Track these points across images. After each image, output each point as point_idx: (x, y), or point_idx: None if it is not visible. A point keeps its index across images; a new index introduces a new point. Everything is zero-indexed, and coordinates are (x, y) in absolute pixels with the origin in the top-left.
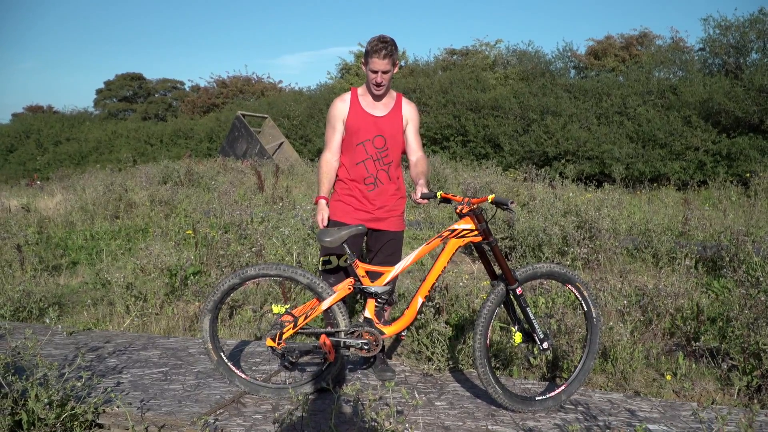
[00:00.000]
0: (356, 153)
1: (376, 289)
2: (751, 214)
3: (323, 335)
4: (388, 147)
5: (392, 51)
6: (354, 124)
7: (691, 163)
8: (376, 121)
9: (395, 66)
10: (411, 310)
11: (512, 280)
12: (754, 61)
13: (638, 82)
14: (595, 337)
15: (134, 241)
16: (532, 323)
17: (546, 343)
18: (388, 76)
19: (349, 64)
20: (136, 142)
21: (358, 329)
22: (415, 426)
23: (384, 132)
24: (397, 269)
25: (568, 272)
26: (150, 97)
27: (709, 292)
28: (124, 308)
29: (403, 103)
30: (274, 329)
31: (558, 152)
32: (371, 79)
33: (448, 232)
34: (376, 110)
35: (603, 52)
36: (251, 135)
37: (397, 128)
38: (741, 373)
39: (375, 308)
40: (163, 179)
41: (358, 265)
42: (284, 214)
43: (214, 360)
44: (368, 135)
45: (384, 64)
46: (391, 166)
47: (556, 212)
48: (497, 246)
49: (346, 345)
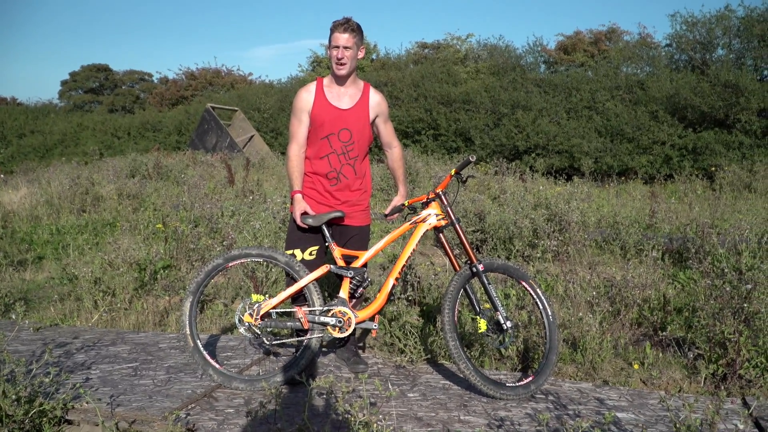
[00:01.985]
0: (320, 147)
1: (351, 270)
2: (716, 207)
3: (298, 307)
4: (354, 141)
5: (354, 28)
6: (318, 117)
7: (658, 157)
8: (342, 114)
9: (359, 49)
10: (383, 292)
11: (474, 259)
12: (720, 56)
13: (607, 78)
14: (552, 333)
15: (101, 235)
16: (494, 302)
17: (509, 322)
18: (350, 54)
19: (320, 57)
20: (103, 135)
21: (332, 307)
22: (388, 417)
23: (350, 125)
24: (370, 252)
25: (521, 269)
26: (117, 89)
27: (675, 283)
28: (92, 303)
29: (371, 93)
30: (252, 307)
31: (528, 146)
32: (333, 56)
33: (416, 216)
34: (342, 102)
35: (572, 48)
36: (221, 128)
37: (364, 121)
38: (707, 362)
39: (349, 287)
40: (131, 173)
41: (335, 248)
42: (255, 207)
43: (190, 347)
44: (333, 128)
45: (345, 39)
46: (356, 160)
47: (526, 205)
48: (461, 226)
49: (320, 322)
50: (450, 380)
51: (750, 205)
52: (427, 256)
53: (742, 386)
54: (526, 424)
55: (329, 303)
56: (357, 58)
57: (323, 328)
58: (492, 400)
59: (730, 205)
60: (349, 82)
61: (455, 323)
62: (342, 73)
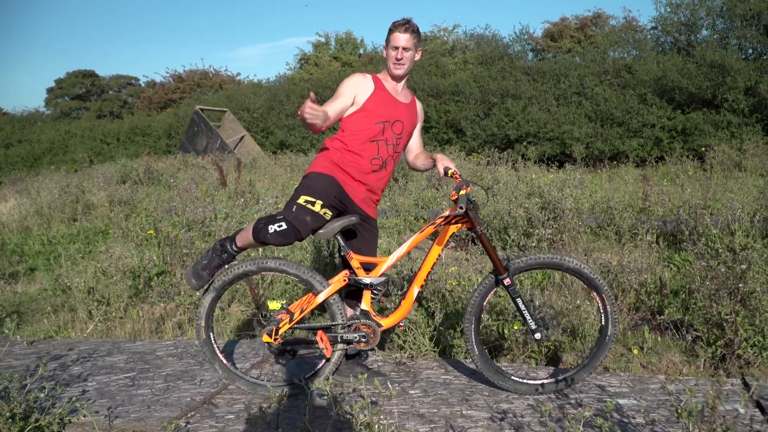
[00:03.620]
0: (375, 132)
1: (372, 281)
2: (708, 187)
3: (320, 330)
4: (403, 136)
5: (415, 29)
6: (376, 102)
7: (648, 139)
8: (399, 107)
9: (417, 51)
10: (408, 300)
11: (502, 270)
12: (705, 37)
13: (594, 63)
14: (600, 354)
15: (94, 243)
16: (523, 314)
17: (539, 333)
18: (408, 55)
19: (307, 54)
20: (92, 142)
21: (354, 322)
22: (390, 416)
23: (404, 119)
24: (392, 259)
25: (597, 278)
26: (104, 95)
27: (671, 265)
28: (87, 314)
29: (417, 102)
30: (270, 325)
31: (519, 134)
32: (391, 56)
33: (441, 219)
34: (399, 96)
35: (559, 34)
36: (211, 130)
37: (414, 121)
38: (705, 343)
39: (371, 299)
40: (122, 179)
41: (353, 257)
42: (248, 209)
43: (202, 338)
44: (389, 117)
45: (405, 40)
46: (397, 156)
47: (520, 194)
48: (484, 235)
49: (343, 339)
50: (450, 375)
51: (741, 184)
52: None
53: (740, 366)
54: (528, 416)
55: (351, 316)
56: (414, 60)
57: (347, 345)
58: (494, 393)
59: (721, 185)
60: (403, 85)
61: (478, 334)
62: (399, 73)
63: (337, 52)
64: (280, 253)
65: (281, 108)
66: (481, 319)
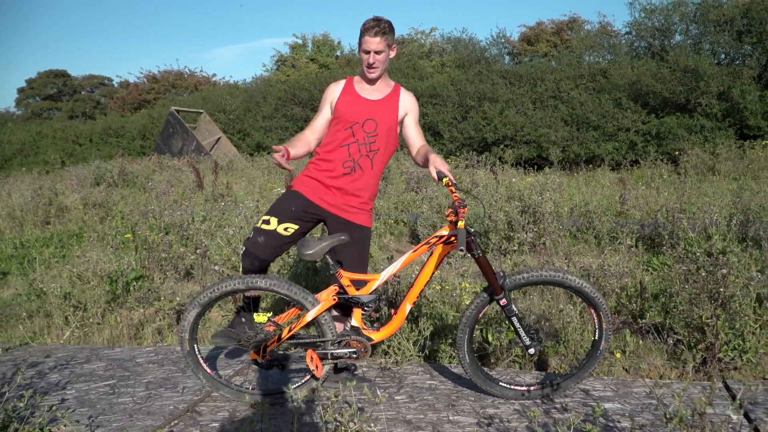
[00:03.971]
0: (344, 136)
1: (362, 298)
2: (683, 191)
3: (309, 350)
4: (378, 133)
5: (385, 30)
6: (344, 107)
7: (623, 143)
8: (369, 105)
9: (391, 49)
10: (399, 316)
11: (498, 291)
12: (678, 42)
13: (570, 67)
14: (590, 365)
15: (68, 247)
16: (518, 332)
17: (532, 349)
18: (381, 58)
19: (284, 56)
20: (64, 143)
21: (345, 338)
22: (377, 422)
23: (376, 116)
24: (384, 276)
25: (597, 297)
26: (76, 95)
27: (649, 269)
28: (63, 319)
29: (402, 92)
30: (258, 341)
31: (496, 137)
32: (364, 60)
33: (435, 238)
34: (371, 95)
35: (535, 38)
36: (187, 131)
37: (391, 115)
38: (686, 347)
39: (361, 316)
40: (96, 180)
41: (343, 275)
42: (227, 213)
43: (186, 350)
44: (359, 118)
45: (376, 43)
46: (377, 154)
47: (499, 198)
48: (482, 257)
49: (333, 356)
50: (436, 380)
51: (715, 188)
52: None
53: (721, 369)
54: (515, 421)
55: (342, 333)
56: (390, 58)
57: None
58: (480, 398)
59: (696, 188)
60: (380, 81)
61: (471, 344)
62: (373, 77)
63: (314, 54)
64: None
65: (258, 110)
66: (474, 330)
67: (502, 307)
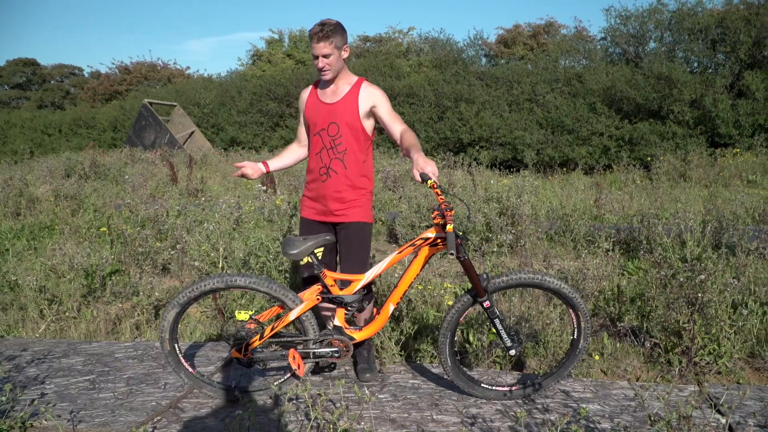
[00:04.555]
0: (314, 144)
1: (346, 298)
2: (655, 196)
3: (292, 349)
4: (342, 134)
5: (329, 33)
6: (310, 114)
7: (597, 148)
8: (329, 108)
9: (341, 50)
10: (382, 316)
11: (482, 293)
12: (653, 50)
13: (546, 70)
14: (569, 364)
15: (39, 239)
16: (500, 334)
17: (513, 350)
18: (331, 60)
19: (260, 51)
20: (32, 133)
21: (327, 337)
22: (362, 420)
23: (336, 119)
24: (368, 277)
25: (576, 298)
26: (45, 84)
27: (625, 273)
28: (38, 313)
29: (362, 87)
30: (239, 339)
31: (472, 139)
32: (315, 65)
33: (420, 240)
34: (330, 98)
35: (512, 41)
36: (160, 124)
37: (351, 113)
38: (663, 350)
39: (344, 316)
40: (66, 172)
41: (327, 275)
42: (207, 209)
43: (167, 350)
44: (323, 123)
45: (320, 48)
46: (345, 154)
47: (477, 199)
48: (467, 260)
49: (315, 355)
50: (418, 379)
51: (687, 194)
52: (384, 253)
53: (697, 373)
54: (497, 420)
55: (324, 332)
56: (342, 59)
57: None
58: (463, 397)
59: (668, 194)
60: (339, 79)
61: (453, 347)
62: (326, 78)
63: (291, 50)
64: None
65: (232, 104)
66: (456, 333)
67: (485, 309)
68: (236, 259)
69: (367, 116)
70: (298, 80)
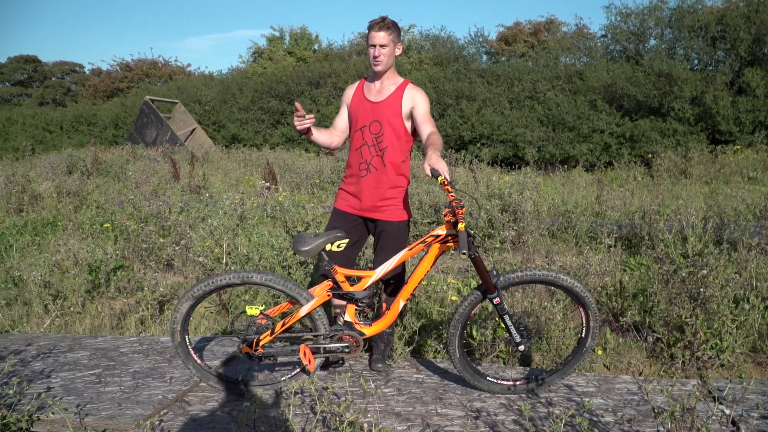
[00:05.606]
0: (356, 139)
1: (356, 294)
2: (656, 193)
3: (302, 345)
4: (384, 132)
5: (390, 26)
6: (355, 110)
7: (598, 145)
8: (374, 107)
9: (396, 46)
10: (392, 311)
11: (491, 289)
12: (653, 47)
13: (547, 68)
14: (575, 362)
15: (42, 235)
16: (510, 330)
17: (522, 345)
18: (386, 51)
19: (261, 48)
20: (34, 130)
21: (338, 333)
22: (367, 414)
23: (380, 117)
24: (378, 274)
25: (586, 296)
26: (46, 81)
27: (627, 269)
28: (42, 308)
29: (407, 89)
30: (250, 335)
31: (473, 136)
32: (370, 54)
33: (431, 237)
34: (376, 96)
35: (513, 38)
36: (161, 121)
37: (394, 113)
38: (665, 345)
39: (355, 311)
40: (69, 169)
41: (337, 271)
42: (210, 205)
43: (177, 341)
44: (365, 121)
45: (380, 38)
46: (386, 152)
47: (480, 196)
48: (477, 257)
49: (326, 350)
50: (422, 374)
51: (688, 191)
52: None
53: (699, 367)
54: (501, 414)
55: (334, 327)
56: (394, 55)
57: (329, 355)
58: (467, 391)
59: (669, 191)
60: (386, 77)
61: (461, 340)
62: (378, 69)
63: (292, 47)
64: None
65: (234, 101)
66: (466, 327)
67: (495, 306)
68: (240, 255)
69: (408, 117)
70: (299, 78)
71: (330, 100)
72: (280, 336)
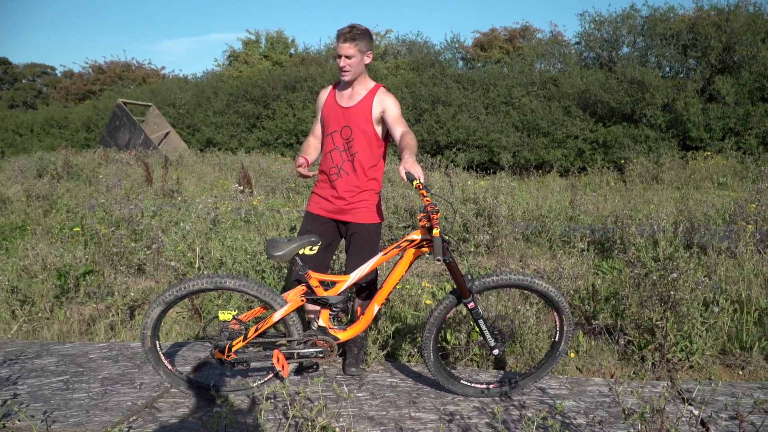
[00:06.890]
0: (327, 143)
1: (330, 299)
2: (629, 198)
3: (276, 350)
4: (354, 137)
5: (356, 36)
6: (326, 115)
7: (572, 150)
8: (344, 112)
9: (363, 54)
10: (367, 316)
11: (466, 294)
12: (626, 54)
13: (522, 74)
14: (549, 365)
15: (11, 240)
16: (484, 334)
17: (497, 349)
18: (353, 62)
19: (237, 51)
20: (4, 132)
21: (312, 338)
22: (340, 418)
23: (350, 122)
24: (353, 278)
25: (561, 301)
26: (17, 83)
27: (599, 272)
28: (10, 313)
29: (377, 93)
30: (222, 340)
31: (449, 141)
32: (338, 63)
33: (406, 242)
34: (347, 101)
35: (488, 44)
36: (134, 124)
37: (364, 119)
38: (637, 348)
39: (329, 316)
40: (38, 172)
41: (311, 276)
42: (182, 209)
43: (147, 347)
44: (336, 126)
45: (345, 48)
46: (356, 156)
47: (455, 200)
48: (452, 262)
49: (300, 355)
50: (396, 378)
51: (660, 196)
52: None
53: (669, 369)
54: (475, 417)
55: (308, 333)
56: (363, 64)
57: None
58: (440, 395)
59: (641, 196)
60: (357, 83)
61: (436, 343)
62: (346, 79)
63: (268, 51)
64: None
65: (209, 105)
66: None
67: (469, 310)
68: (213, 259)
69: (379, 122)
70: (275, 82)
71: (306, 104)
72: (253, 341)
